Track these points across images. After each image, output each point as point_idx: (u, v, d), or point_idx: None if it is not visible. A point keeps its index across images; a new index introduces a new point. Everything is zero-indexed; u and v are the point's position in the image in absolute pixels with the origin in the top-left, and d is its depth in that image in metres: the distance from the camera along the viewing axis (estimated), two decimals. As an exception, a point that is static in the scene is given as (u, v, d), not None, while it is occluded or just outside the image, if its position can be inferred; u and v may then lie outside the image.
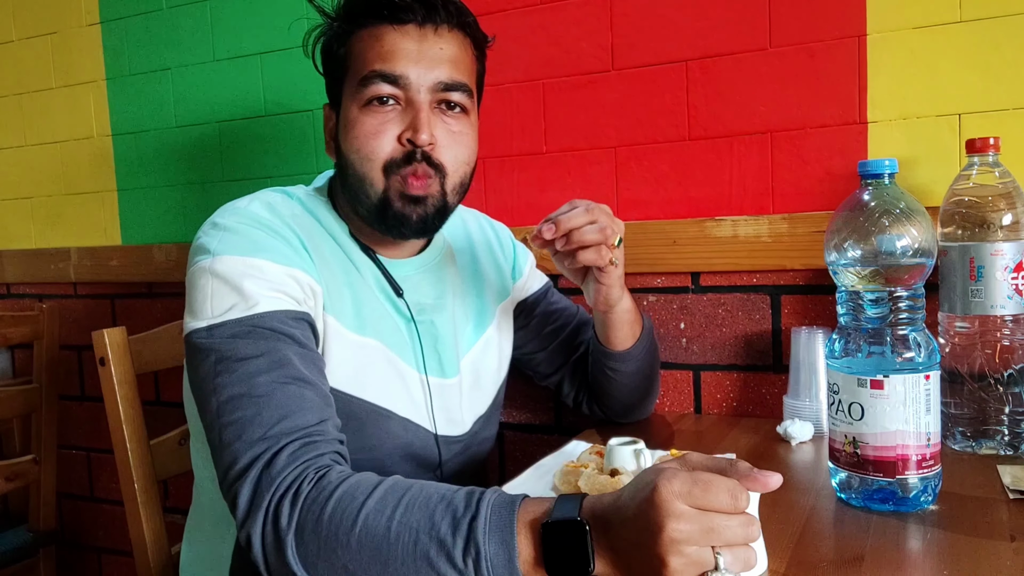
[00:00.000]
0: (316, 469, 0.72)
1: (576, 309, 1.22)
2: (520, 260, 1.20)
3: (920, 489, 0.79)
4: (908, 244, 0.81)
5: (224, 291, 0.82)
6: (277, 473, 0.72)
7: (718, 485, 0.59)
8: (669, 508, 0.58)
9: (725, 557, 0.58)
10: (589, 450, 0.96)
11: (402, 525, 0.66)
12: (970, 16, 1.09)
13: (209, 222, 0.90)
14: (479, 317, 1.09)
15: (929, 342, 0.80)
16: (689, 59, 1.25)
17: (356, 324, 0.93)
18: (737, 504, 0.59)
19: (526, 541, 0.63)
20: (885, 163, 0.84)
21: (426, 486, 0.70)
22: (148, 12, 1.68)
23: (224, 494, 0.76)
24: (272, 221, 0.89)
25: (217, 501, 0.98)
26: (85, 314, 1.82)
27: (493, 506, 0.65)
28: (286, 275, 0.85)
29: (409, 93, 0.91)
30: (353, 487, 0.70)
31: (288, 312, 0.83)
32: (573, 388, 1.20)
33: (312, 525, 0.68)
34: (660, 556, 0.57)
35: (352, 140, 0.92)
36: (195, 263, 0.86)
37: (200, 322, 0.82)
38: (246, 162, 1.62)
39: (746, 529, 0.59)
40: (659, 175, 1.28)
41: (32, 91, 1.84)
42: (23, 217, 1.89)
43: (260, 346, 0.79)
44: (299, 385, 0.78)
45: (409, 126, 0.91)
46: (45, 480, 1.72)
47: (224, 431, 0.76)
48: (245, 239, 0.86)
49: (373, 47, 0.91)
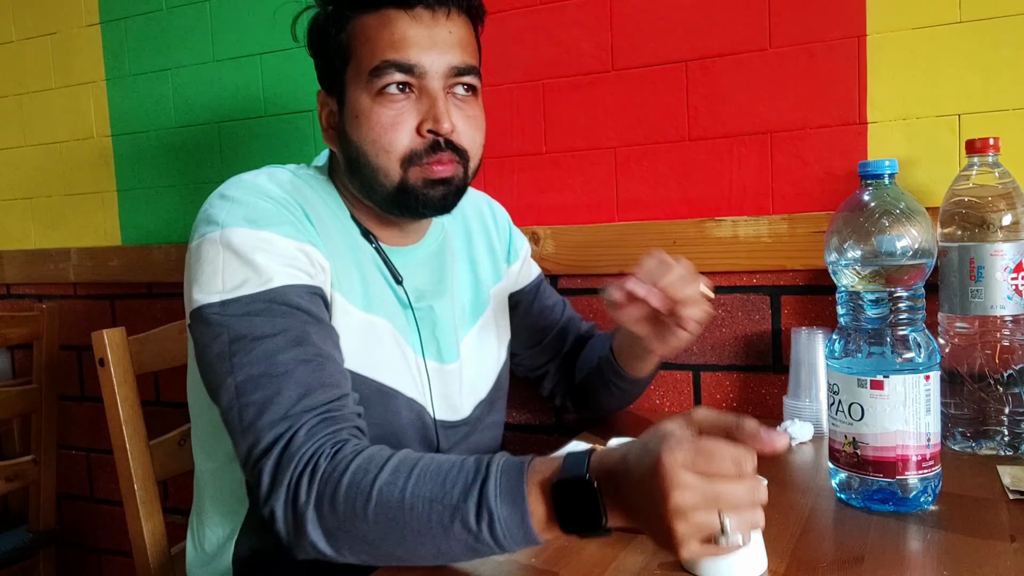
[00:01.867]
0: (333, 444, 0.73)
1: (564, 305, 1.22)
2: (516, 243, 1.19)
3: (920, 489, 0.79)
4: (908, 244, 0.81)
5: (235, 264, 0.81)
6: (297, 449, 0.72)
7: (722, 453, 0.59)
8: (673, 478, 0.58)
9: (731, 520, 0.58)
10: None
11: (415, 495, 0.67)
12: (970, 16, 1.09)
13: (216, 193, 0.88)
14: (475, 301, 1.09)
15: (929, 342, 0.80)
16: (689, 59, 1.25)
17: (364, 303, 0.92)
18: (741, 471, 0.59)
19: (537, 501, 0.65)
20: (885, 163, 0.84)
21: (436, 456, 0.71)
22: (148, 12, 1.68)
23: (247, 474, 0.76)
24: (280, 195, 0.87)
25: (219, 495, 0.98)
26: (85, 314, 1.82)
27: (503, 470, 0.66)
28: (297, 249, 0.84)
29: (423, 81, 0.89)
30: (366, 460, 0.70)
31: (303, 287, 0.82)
32: (552, 384, 1.22)
33: (329, 499, 0.69)
34: (667, 524, 0.58)
35: (367, 132, 0.90)
36: (203, 235, 0.84)
37: (211, 296, 0.80)
38: (246, 162, 1.62)
39: (751, 493, 0.60)
40: (659, 175, 1.28)
41: (32, 91, 1.84)
42: (23, 217, 1.89)
43: (277, 323, 0.78)
44: (318, 361, 0.78)
45: (428, 116, 0.89)
46: (45, 480, 1.71)
47: (244, 412, 0.76)
48: (255, 211, 0.84)
49: (382, 34, 0.89)
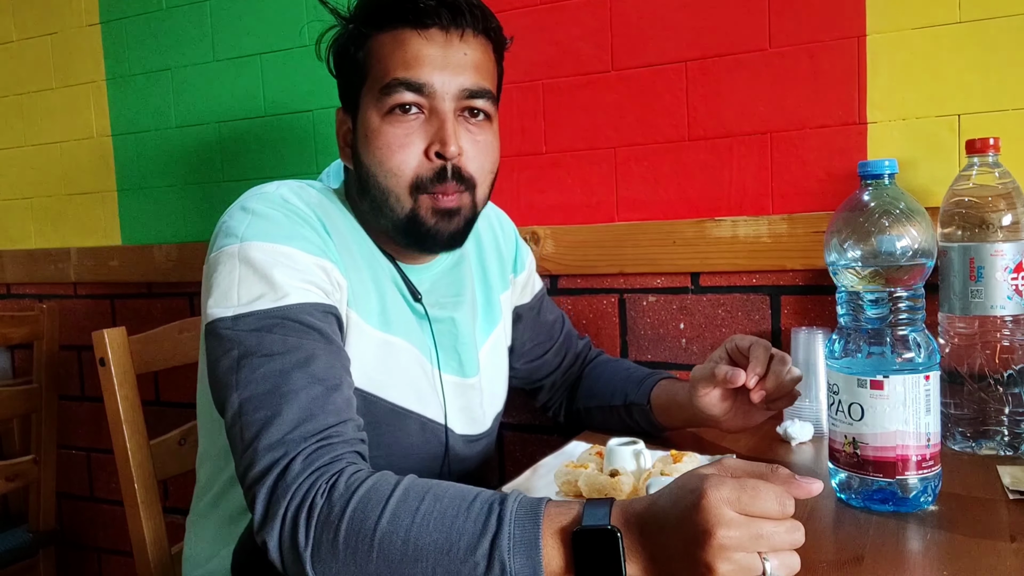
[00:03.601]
0: (328, 478, 0.71)
1: (563, 321, 1.23)
2: (523, 255, 1.18)
3: (920, 489, 0.79)
4: (908, 244, 0.81)
5: (253, 279, 0.80)
6: (292, 480, 0.71)
7: (766, 492, 0.59)
8: (718, 514, 0.57)
9: (772, 562, 0.58)
10: (589, 451, 0.96)
11: (419, 546, 0.64)
12: (969, 17, 1.09)
13: (237, 205, 0.87)
14: (488, 314, 1.09)
15: (929, 342, 0.80)
16: (689, 59, 1.25)
17: (381, 321, 0.91)
18: (785, 510, 0.59)
19: (554, 551, 0.62)
20: (885, 163, 0.84)
21: (440, 494, 0.68)
22: (148, 12, 1.68)
23: (244, 491, 0.75)
24: (302, 209, 0.86)
25: (219, 496, 0.97)
26: (85, 314, 1.82)
27: (516, 518, 0.64)
28: (316, 265, 0.83)
29: (433, 102, 0.88)
30: (363, 501, 0.68)
31: (317, 305, 0.81)
32: (547, 397, 1.22)
33: (329, 545, 0.67)
34: (708, 563, 0.57)
35: (375, 151, 0.89)
36: (222, 247, 0.83)
37: (225, 310, 0.79)
38: (246, 162, 1.62)
39: (792, 535, 0.59)
40: (658, 175, 1.28)
41: (32, 91, 1.84)
42: (23, 217, 1.90)
43: (288, 342, 0.77)
44: (323, 385, 0.77)
45: (436, 138, 0.88)
46: (45, 480, 1.72)
47: (245, 430, 0.75)
48: (276, 225, 0.83)
49: (395, 53, 0.88)
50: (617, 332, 1.33)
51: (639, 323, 1.31)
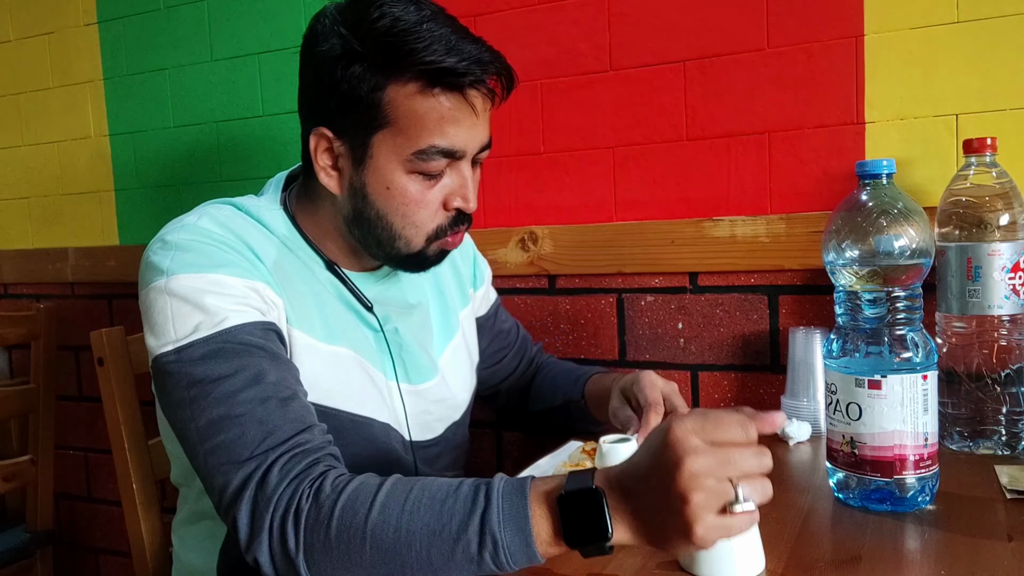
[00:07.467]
0: (311, 482, 0.71)
1: (517, 328, 1.24)
2: (480, 268, 1.19)
3: (918, 489, 0.79)
4: (906, 244, 0.81)
5: (185, 310, 0.79)
6: (272, 491, 0.71)
7: (729, 419, 0.61)
8: (686, 444, 0.59)
9: (744, 488, 0.59)
10: (581, 449, 0.96)
11: (411, 530, 0.66)
12: (967, 17, 1.09)
13: (157, 239, 0.86)
14: (444, 324, 1.08)
15: (927, 342, 0.80)
16: (687, 59, 1.25)
17: (324, 334, 0.90)
18: (749, 435, 0.61)
19: (542, 520, 0.64)
20: (883, 163, 0.84)
21: (427, 483, 0.69)
22: (146, 12, 1.68)
23: (223, 518, 0.75)
24: (224, 236, 0.85)
25: (201, 502, 0.97)
26: (83, 314, 1.82)
27: (504, 494, 0.66)
28: (247, 287, 0.82)
29: (458, 160, 0.89)
30: (352, 498, 0.69)
31: (256, 324, 0.80)
32: (503, 402, 1.25)
33: (321, 545, 0.68)
34: (681, 493, 0.58)
35: (397, 206, 0.88)
36: (149, 283, 0.82)
37: (166, 345, 0.79)
38: (244, 162, 1.62)
39: (760, 459, 0.61)
40: (657, 175, 1.29)
41: (29, 91, 1.84)
42: (20, 217, 1.89)
43: (233, 363, 0.77)
44: (278, 397, 0.77)
45: (457, 193, 0.89)
46: (43, 480, 1.71)
47: (209, 456, 0.74)
48: (199, 255, 0.82)
49: (431, 114, 0.85)
50: (615, 332, 1.33)
51: (637, 323, 1.31)
